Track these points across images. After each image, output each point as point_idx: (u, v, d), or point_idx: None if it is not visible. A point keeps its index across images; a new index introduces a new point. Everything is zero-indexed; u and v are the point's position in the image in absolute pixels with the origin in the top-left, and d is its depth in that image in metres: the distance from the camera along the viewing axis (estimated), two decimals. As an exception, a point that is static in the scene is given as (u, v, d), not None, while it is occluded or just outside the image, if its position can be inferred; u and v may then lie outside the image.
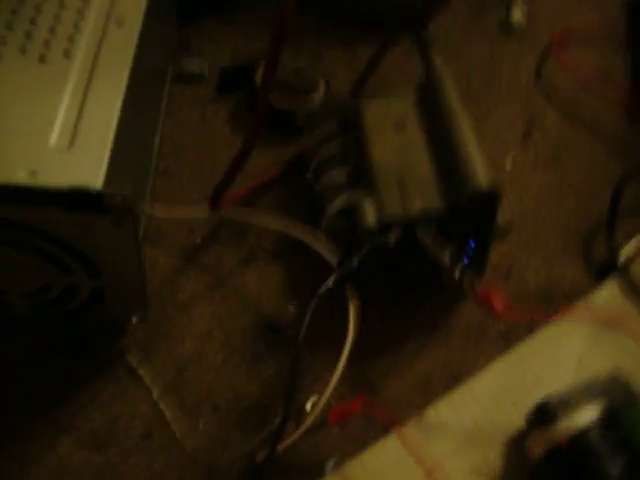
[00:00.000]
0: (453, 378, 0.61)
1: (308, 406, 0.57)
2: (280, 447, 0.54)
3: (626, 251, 0.68)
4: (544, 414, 0.55)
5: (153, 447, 0.57)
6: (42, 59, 0.53)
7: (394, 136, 0.63)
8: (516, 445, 0.58)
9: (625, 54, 0.84)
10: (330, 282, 0.55)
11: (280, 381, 0.59)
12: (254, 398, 0.59)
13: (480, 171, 0.57)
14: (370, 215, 0.58)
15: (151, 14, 0.58)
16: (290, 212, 0.65)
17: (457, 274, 0.57)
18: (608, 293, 0.66)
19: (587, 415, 0.54)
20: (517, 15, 0.88)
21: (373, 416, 0.57)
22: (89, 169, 0.47)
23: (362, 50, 0.80)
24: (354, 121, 0.65)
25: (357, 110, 0.65)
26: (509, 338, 0.63)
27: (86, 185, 0.46)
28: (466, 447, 0.58)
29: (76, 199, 0.46)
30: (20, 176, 0.46)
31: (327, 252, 0.59)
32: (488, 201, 0.57)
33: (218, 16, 0.83)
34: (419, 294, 0.64)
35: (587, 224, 0.71)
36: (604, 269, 0.68)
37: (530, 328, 0.63)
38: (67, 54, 0.54)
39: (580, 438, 0.53)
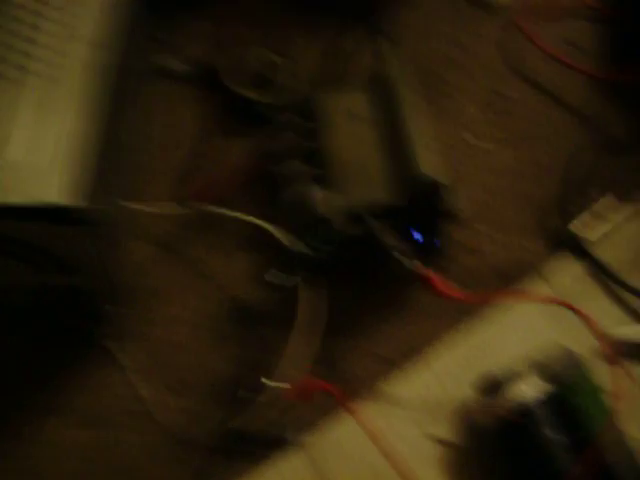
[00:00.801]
0: (412, 351, 0.66)
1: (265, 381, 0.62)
2: (246, 417, 0.60)
3: (578, 224, 0.70)
4: (490, 385, 0.59)
5: (133, 423, 0.62)
6: (18, 81, 0.57)
7: (347, 127, 0.67)
8: (466, 414, 0.62)
9: (595, 25, 0.85)
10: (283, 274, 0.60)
11: (245, 358, 0.64)
12: (222, 374, 0.64)
13: (423, 163, 0.61)
14: (321, 205, 0.62)
15: (123, 31, 0.62)
16: (258, 204, 0.70)
17: (406, 260, 0.61)
18: (561, 269, 0.69)
19: (534, 389, 0.58)
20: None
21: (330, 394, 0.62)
22: (62, 185, 0.52)
23: (328, 37, 0.82)
24: (312, 112, 0.69)
25: (314, 101, 0.69)
26: (467, 313, 0.67)
27: (44, 199, 0.51)
28: (419, 416, 0.62)
29: (37, 213, 0.51)
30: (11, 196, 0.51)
31: (284, 237, 0.64)
32: (432, 190, 0.61)
33: (189, 9, 0.86)
34: (380, 277, 0.68)
35: (546, 197, 0.73)
36: (558, 243, 0.71)
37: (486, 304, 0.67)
38: (42, 75, 0.58)
39: (525, 411, 0.57)
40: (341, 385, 0.62)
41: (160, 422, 0.62)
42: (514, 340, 0.65)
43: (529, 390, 0.57)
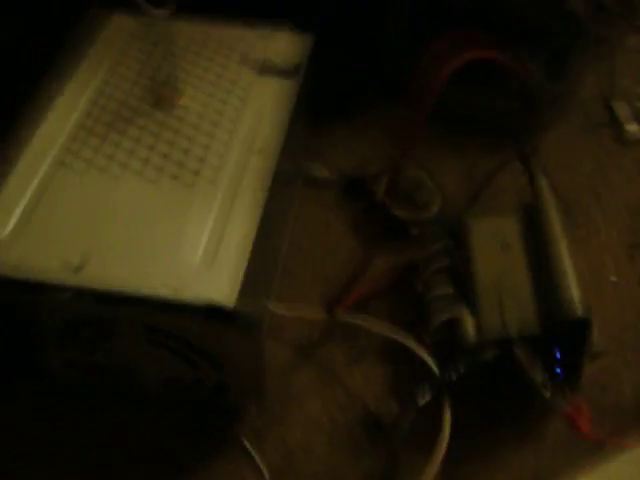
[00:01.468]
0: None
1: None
2: None
3: None
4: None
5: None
6: (191, 185, 0.62)
7: (499, 256, 0.68)
8: None
9: None
10: (426, 394, 0.61)
11: (379, 476, 0.65)
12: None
13: (574, 300, 0.62)
14: (471, 331, 0.64)
15: (287, 140, 0.66)
16: (398, 317, 0.71)
17: (548, 393, 0.61)
18: None
19: None
20: (632, 127, 0.91)
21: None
22: (225, 288, 0.56)
23: (473, 157, 0.86)
24: (461, 238, 0.71)
25: (465, 227, 0.71)
26: (599, 454, 0.65)
27: (222, 303, 0.54)
28: None
29: (211, 313, 0.54)
30: (166, 290, 0.55)
31: (429, 360, 0.65)
32: (580, 327, 0.61)
33: (346, 122, 0.91)
34: (511, 403, 0.68)
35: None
36: None
37: (622, 447, 0.65)
38: (213, 181, 0.62)
39: None
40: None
41: None
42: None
43: None
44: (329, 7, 0.85)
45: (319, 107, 0.81)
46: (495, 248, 0.69)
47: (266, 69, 0.71)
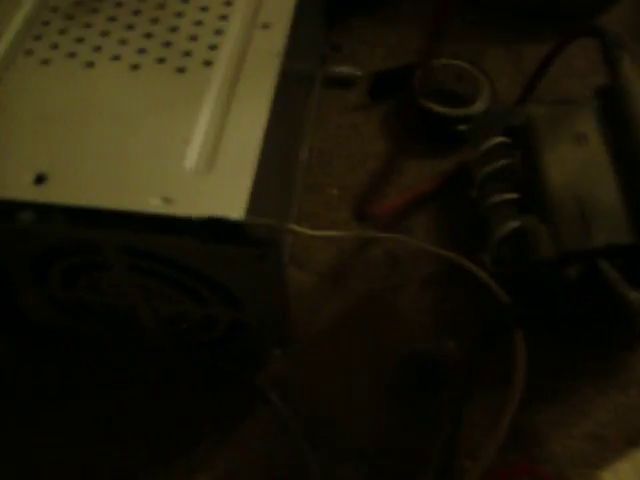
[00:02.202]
0: (636, 432, 0.52)
1: (467, 463, 0.49)
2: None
3: None
4: None
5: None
6: (181, 69, 0.48)
7: (573, 151, 0.54)
8: None
9: None
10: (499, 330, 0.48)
11: (437, 429, 0.53)
12: (406, 447, 0.52)
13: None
14: (547, 244, 0.50)
15: (298, 16, 0.53)
16: (446, 232, 0.59)
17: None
18: None
19: None
20: None
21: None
22: (229, 196, 0.42)
23: (527, 50, 0.73)
24: (523, 131, 0.57)
25: (527, 118, 0.57)
26: None
27: (226, 215, 0.41)
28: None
29: (214, 230, 0.41)
30: (153, 203, 0.42)
31: (492, 284, 0.52)
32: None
33: (369, 15, 0.77)
34: (597, 335, 0.56)
35: None
36: None
37: None
38: (208, 62, 0.49)
39: None
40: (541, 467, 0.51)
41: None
42: None
43: None
44: None
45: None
46: (567, 142, 0.55)
47: None
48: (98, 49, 0.49)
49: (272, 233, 0.43)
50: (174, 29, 0.50)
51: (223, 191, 0.42)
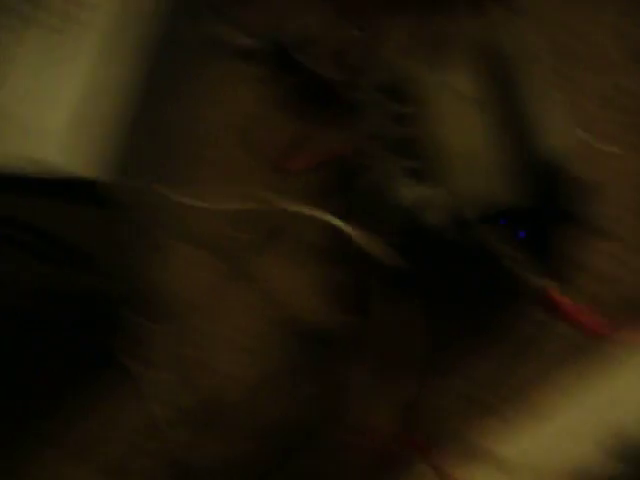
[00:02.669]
0: (520, 397, 0.51)
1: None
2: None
3: None
4: (627, 448, 0.45)
5: (152, 474, 0.49)
6: (55, 29, 0.46)
7: (460, 112, 0.53)
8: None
9: None
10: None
11: (309, 399, 0.50)
12: (280, 418, 0.50)
13: (554, 148, 0.47)
14: (436, 210, 0.48)
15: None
16: (342, 202, 0.56)
17: (533, 278, 0.46)
18: None
19: None
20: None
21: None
22: (91, 156, 0.41)
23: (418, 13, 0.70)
24: (406, 92, 0.55)
25: (409, 80, 0.55)
26: (596, 352, 0.52)
27: (86, 175, 0.40)
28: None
29: (73, 190, 0.40)
30: (13, 163, 0.40)
31: (382, 252, 0.50)
32: (570, 185, 0.47)
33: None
34: (485, 299, 0.54)
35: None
36: None
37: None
38: (79, 22, 0.46)
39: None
40: (426, 436, 0.49)
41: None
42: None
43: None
44: None
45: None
46: (455, 106, 0.53)
47: None
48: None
49: (133, 195, 0.42)
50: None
51: (86, 150, 0.41)
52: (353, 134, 0.59)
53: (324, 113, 0.62)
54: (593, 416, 0.49)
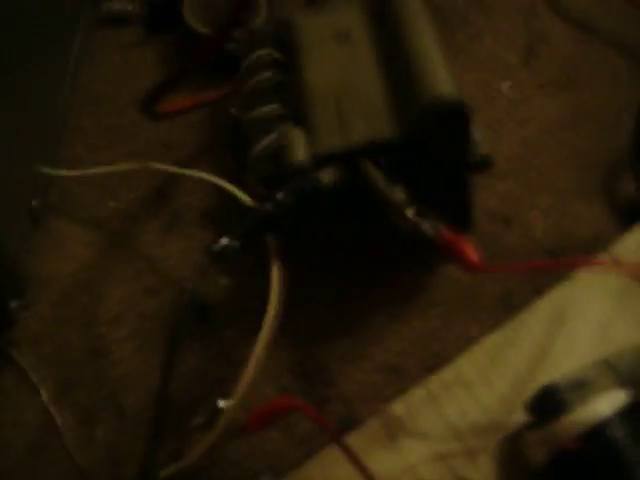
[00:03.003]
0: (435, 358, 0.47)
1: (221, 403, 0.42)
2: (191, 458, 0.41)
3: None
4: (550, 403, 0.41)
5: (41, 464, 0.44)
6: None
7: (334, 51, 0.49)
8: (513, 445, 0.43)
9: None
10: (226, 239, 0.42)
11: (196, 372, 0.46)
12: (169, 398, 0.46)
13: (440, 82, 0.44)
14: (300, 148, 0.45)
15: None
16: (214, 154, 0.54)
17: (423, 223, 0.42)
18: (637, 242, 0.51)
19: (607, 403, 0.39)
20: None
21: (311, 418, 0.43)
22: None
23: None
24: (288, 40, 0.51)
25: (292, 25, 0.52)
26: (510, 303, 0.49)
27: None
28: (447, 449, 0.43)
29: None
30: None
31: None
32: (452, 119, 0.43)
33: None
34: (384, 253, 0.50)
35: (607, 157, 0.56)
36: (631, 212, 0.53)
37: (538, 290, 0.49)
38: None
39: (597, 435, 0.38)
40: (330, 407, 0.45)
41: (78, 461, 0.44)
42: (576, 337, 0.47)
43: (601, 406, 0.39)
44: None
45: None
46: (329, 42, 0.50)
47: None
48: None
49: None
50: None
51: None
52: (227, 81, 0.56)
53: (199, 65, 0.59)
54: (512, 372, 0.46)
